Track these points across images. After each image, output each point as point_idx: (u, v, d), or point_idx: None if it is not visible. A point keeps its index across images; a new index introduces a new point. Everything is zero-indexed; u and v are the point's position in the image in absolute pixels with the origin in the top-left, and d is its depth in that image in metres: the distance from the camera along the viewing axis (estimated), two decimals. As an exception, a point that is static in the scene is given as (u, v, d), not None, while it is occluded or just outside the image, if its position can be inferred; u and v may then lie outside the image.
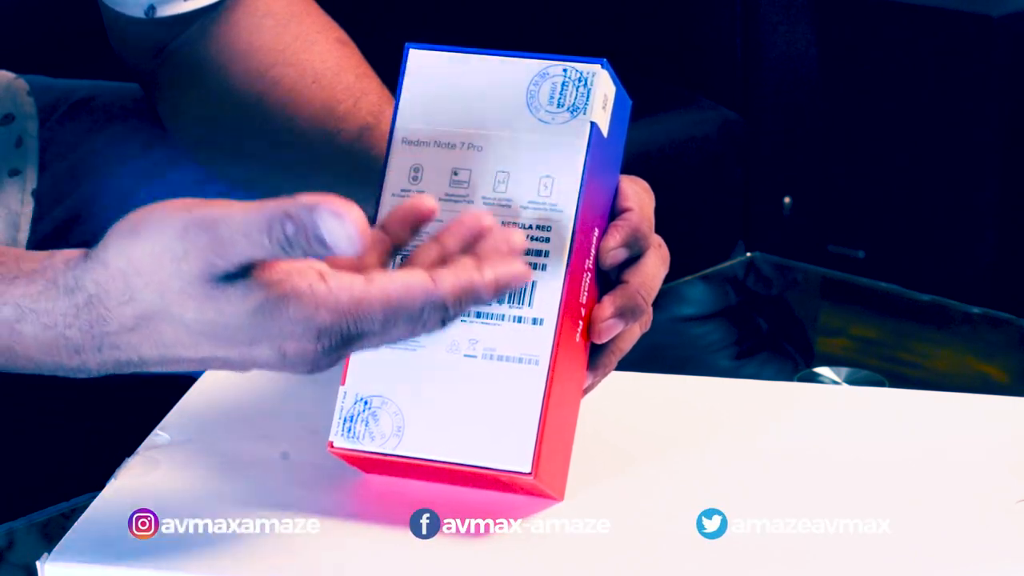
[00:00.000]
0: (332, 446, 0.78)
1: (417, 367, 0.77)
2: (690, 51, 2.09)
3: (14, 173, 1.12)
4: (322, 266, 0.72)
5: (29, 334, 0.74)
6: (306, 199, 0.69)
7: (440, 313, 0.71)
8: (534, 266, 0.77)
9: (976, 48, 1.96)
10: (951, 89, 1.99)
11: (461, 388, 0.77)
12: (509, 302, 0.77)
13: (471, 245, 0.74)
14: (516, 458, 0.76)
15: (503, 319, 0.77)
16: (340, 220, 0.68)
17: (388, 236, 0.74)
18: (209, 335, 0.72)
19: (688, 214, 1.98)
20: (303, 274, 0.71)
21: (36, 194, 1.12)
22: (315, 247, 0.69)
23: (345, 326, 0.71)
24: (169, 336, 0.72)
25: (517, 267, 0.72)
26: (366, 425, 0.77)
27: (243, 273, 0.71)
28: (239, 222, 0.70)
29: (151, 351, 0.73)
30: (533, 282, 0.77)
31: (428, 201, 0.74)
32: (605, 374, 0.81)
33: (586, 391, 0.81)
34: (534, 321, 0.77)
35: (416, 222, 0.74)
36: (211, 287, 0.71)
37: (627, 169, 0.82)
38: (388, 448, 0.77)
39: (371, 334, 0.72)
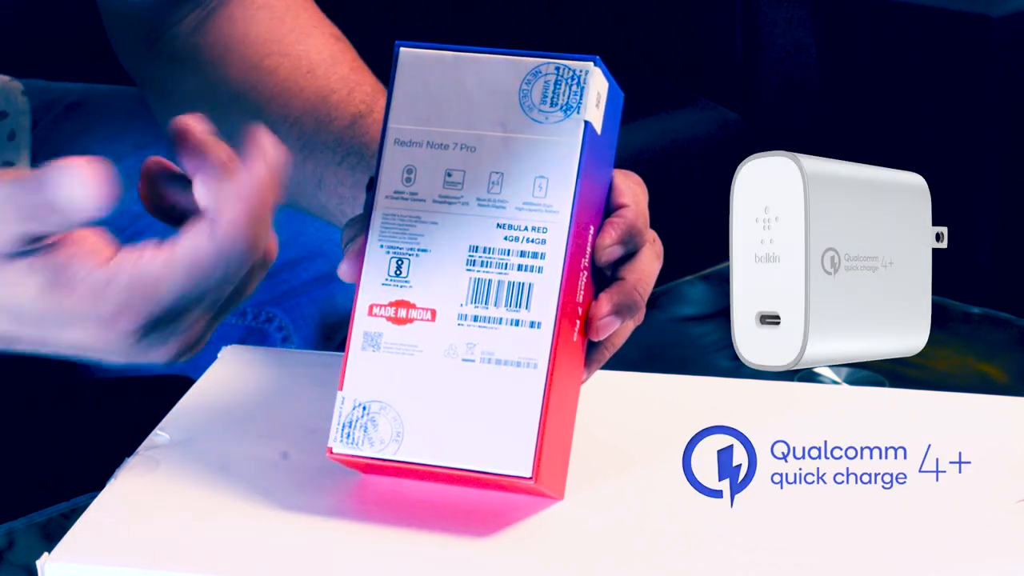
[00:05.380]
0: (331, 452, 0.77)
1: (415, 372, 0.77)
2: (690, 51, 2.09)
3: (7, 164, 1.13)
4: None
5: None
6: (55, 161, 0.68)
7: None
8: (530, 268, 0.77)
9: (975, 48, 1.96)
10: (950, 89, 1.99)
11: (460, 392, 0.76)
12: (507, 305, 0.77)
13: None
14: (516, 462, 0.76)
15: (501, 323, 0.77)
16: (71, 171, 0.66)
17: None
18: (16, 313, 0.71)
19: (688, 214, 1.98)
20: (92, 252, 0.70)
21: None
22: (58, 212, 0.67)
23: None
24: None
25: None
26: (365, 431, 0.77)
27: (31, 250, 0.69)
28: (5, 192, 0.68)
29: None
30: (530, 284, 0.77)
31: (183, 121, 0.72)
32: (597, 367, 0.81)
33: (579, 385, 0.81)
34: (532, 324, 0.77)
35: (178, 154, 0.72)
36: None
37: (626, 169, 0.82)
38: (388, 454, 0.77)
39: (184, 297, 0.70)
